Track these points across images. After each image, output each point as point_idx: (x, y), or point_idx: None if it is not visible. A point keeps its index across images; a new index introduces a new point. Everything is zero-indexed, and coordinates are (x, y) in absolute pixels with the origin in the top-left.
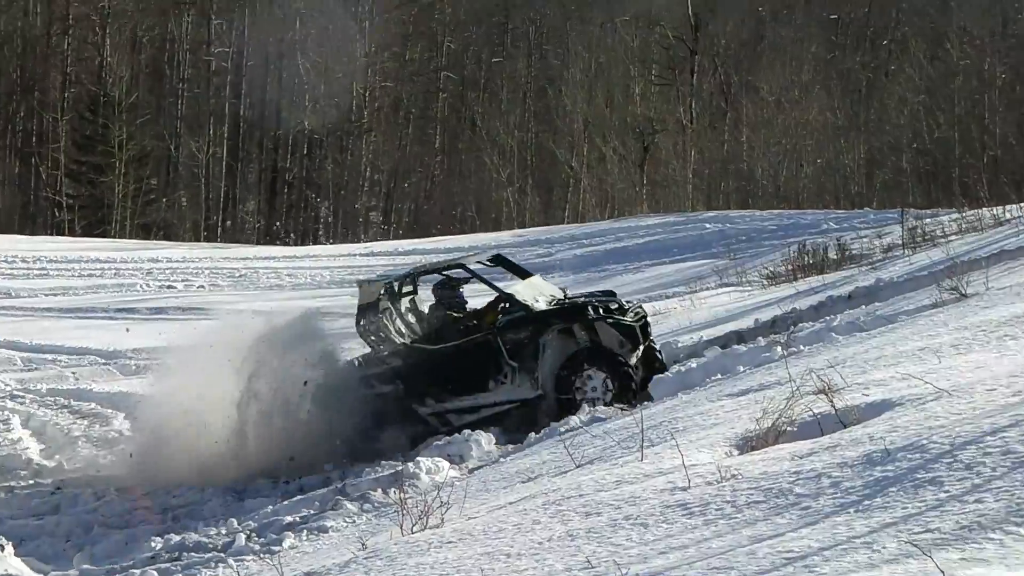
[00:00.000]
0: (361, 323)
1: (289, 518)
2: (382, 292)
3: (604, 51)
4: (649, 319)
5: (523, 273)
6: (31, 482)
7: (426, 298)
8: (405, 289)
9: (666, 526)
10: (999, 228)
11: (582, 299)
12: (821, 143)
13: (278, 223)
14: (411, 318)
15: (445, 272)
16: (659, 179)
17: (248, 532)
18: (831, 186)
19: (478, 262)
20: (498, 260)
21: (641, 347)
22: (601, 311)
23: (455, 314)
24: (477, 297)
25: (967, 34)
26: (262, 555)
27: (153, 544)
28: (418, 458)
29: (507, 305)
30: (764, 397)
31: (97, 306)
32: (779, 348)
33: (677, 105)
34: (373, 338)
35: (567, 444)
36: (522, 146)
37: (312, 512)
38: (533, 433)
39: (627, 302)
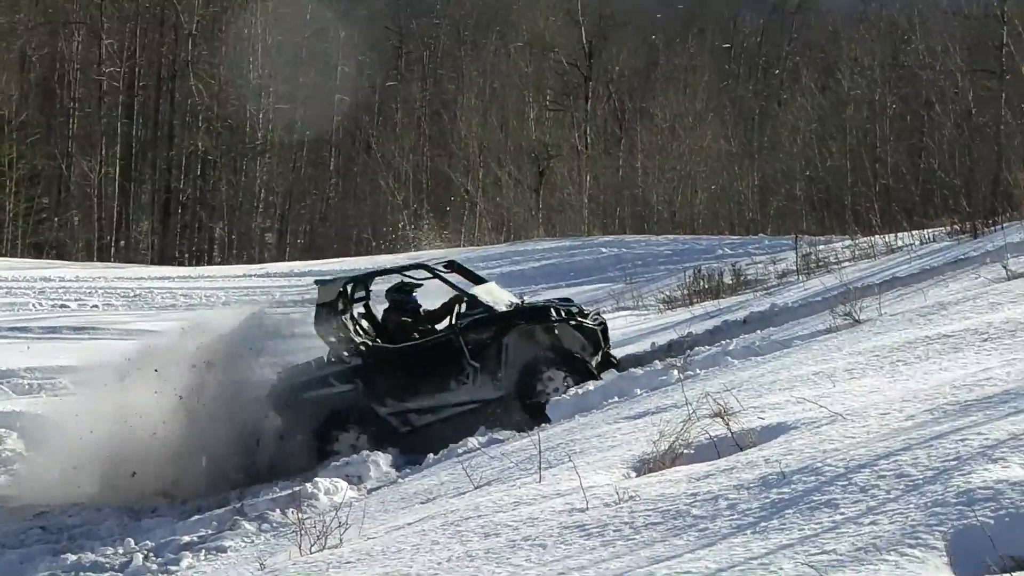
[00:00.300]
0: (320, 323)
1: (187, 538)
2: (340, 292)
3: (498, 76)
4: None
5: (478, 279)
6: None
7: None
8: (357, 294)
9: (564, 547)
10: (891, 255)
11: (542, 303)
12: (715, 170)
13: (173, 243)
14: (364, 323)
15: (405, 273)
16: (555, 204)
17: (145, 552)
18: (725, 212)
19: (432, 268)
20: (453, 266)
21: (601, 352)
22: (563, 314)
23: (407, 319)
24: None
25: (858, 64)
26: (160, 575)
27: (49, 564)
28: (316, 478)
29: (463, 307)
30: (661, 420)
31: None
32: (675, 371)
33: (572, 131)
34: (332, 338)
35: (465, 465)
36: (417, 169)
37: (210, 532)
38: (432, 454)
39: (586, 308)
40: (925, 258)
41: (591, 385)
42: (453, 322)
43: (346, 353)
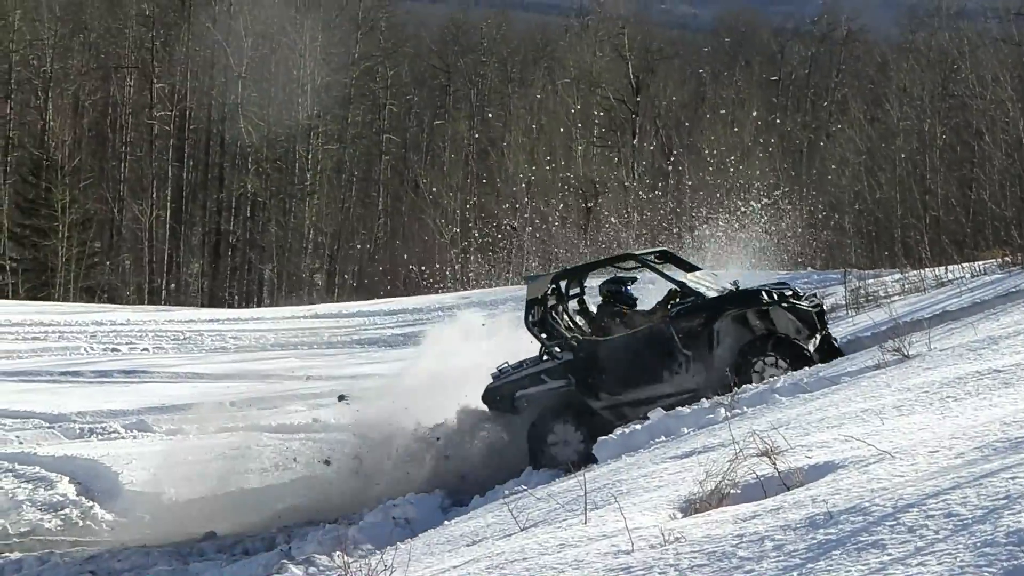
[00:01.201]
0: (530, 318)
1: None
2: (550, 287)
3: (546, 113)
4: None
5: (690, 267)
6: None
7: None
8: (572, 289)
9: None
10: (941, 289)
11: (755, 287)
12: (763, 203)
13: (223, 285)
14: (579, 320)
15: (615, 265)
16: (602, 239)
17: None
18: (773, 246)
19: (645, 257)
20: (666, 255)
21: (819, 335)
22: (775, 296)
23: (622, 309)
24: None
25: (907, 95)
26: None
27: None
28: (362, 521)
29: (677, 300)
30: (708, 459)
31: (41, 369)
32: (723, 410)
33: (619, 166)
34: (543, 334)
35: (512, 507)
36: (465, 207)
37: None
38: (478, 496)
39: (801, 290)
40: (976, 291)
41: (638, 424)
42: (664, 311)
43: (557, 348)
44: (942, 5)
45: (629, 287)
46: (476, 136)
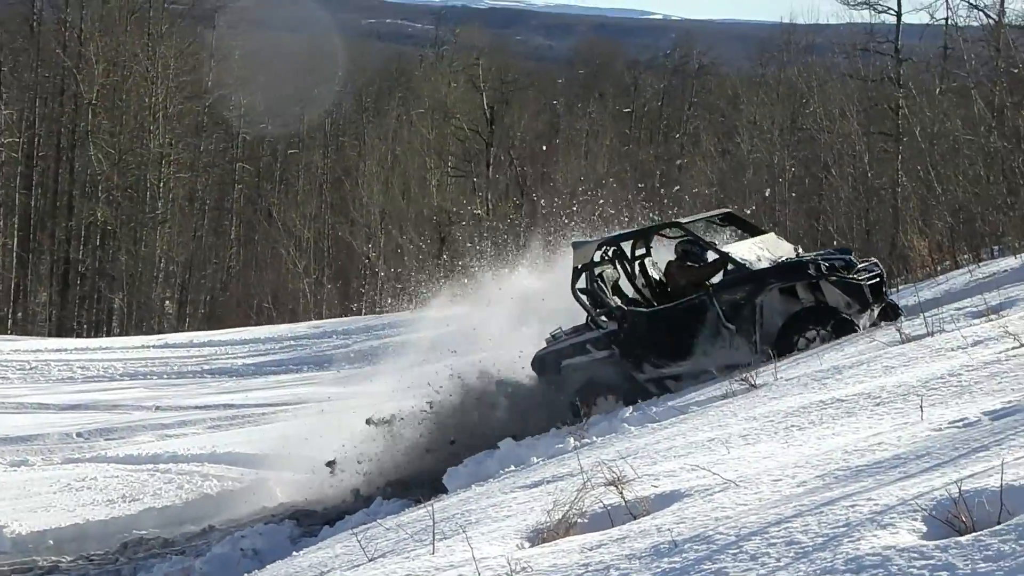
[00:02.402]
0: (576, 285)
1: None
2: (596, 253)
3: (400, 143)
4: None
5: (755, 231)
6: None
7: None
8: (638, 252)
9: None
10: None
11: (805, 258)
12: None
13: (71, 315)
14: (640, 281)
15: (660, 234)
16: (458, 270)
17: None
18: None
19: (709, 220)
20: (729, 218)
21: (875, 309)
22: (824, 268)
23: (693, 266)
24: None
25: (757, 128)
26: None
27: None
28: (209, 552)
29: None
30: (556, 488)
31: None
32: (572, 439)
33: (474, 196)
34: (589, 301)
35: (360, 537)
36: (319, 237)
37: None
38: (328, 526)
39: (861, 260)
40: None
41: (487, 454)
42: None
43: (603, 318)
44: (792, 40)
45: (707, 252)
46: (330, 165)
